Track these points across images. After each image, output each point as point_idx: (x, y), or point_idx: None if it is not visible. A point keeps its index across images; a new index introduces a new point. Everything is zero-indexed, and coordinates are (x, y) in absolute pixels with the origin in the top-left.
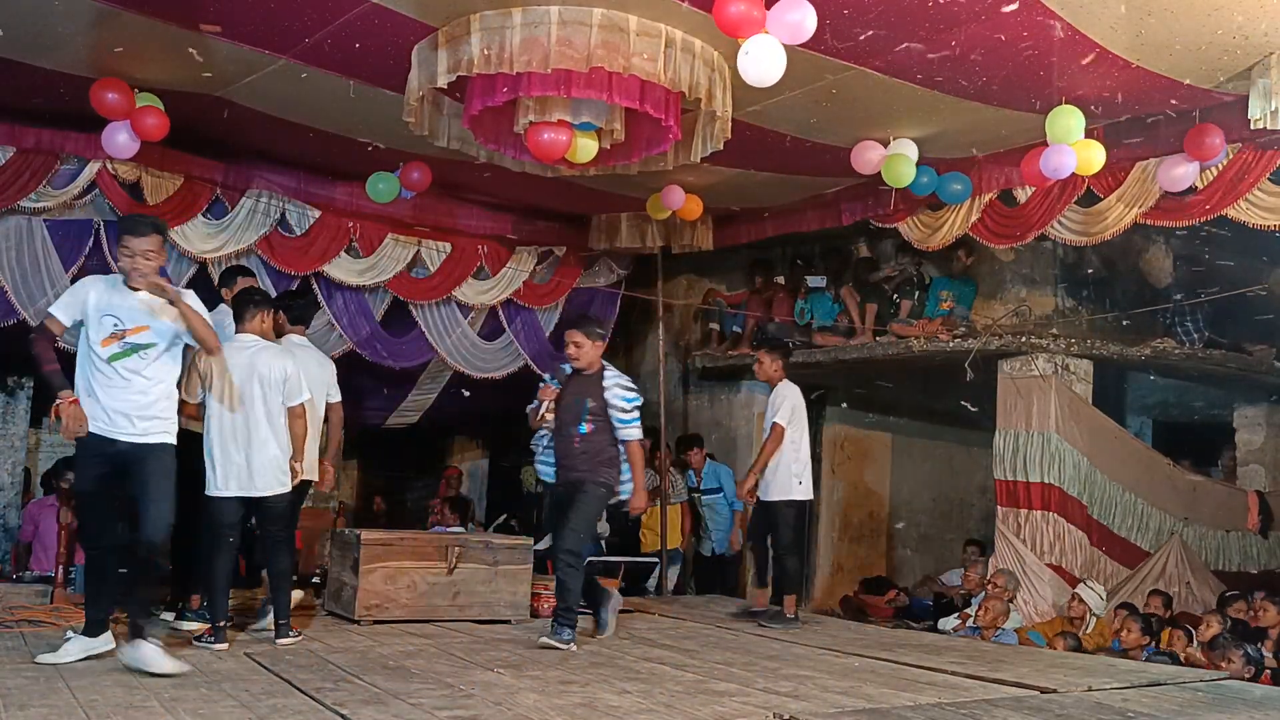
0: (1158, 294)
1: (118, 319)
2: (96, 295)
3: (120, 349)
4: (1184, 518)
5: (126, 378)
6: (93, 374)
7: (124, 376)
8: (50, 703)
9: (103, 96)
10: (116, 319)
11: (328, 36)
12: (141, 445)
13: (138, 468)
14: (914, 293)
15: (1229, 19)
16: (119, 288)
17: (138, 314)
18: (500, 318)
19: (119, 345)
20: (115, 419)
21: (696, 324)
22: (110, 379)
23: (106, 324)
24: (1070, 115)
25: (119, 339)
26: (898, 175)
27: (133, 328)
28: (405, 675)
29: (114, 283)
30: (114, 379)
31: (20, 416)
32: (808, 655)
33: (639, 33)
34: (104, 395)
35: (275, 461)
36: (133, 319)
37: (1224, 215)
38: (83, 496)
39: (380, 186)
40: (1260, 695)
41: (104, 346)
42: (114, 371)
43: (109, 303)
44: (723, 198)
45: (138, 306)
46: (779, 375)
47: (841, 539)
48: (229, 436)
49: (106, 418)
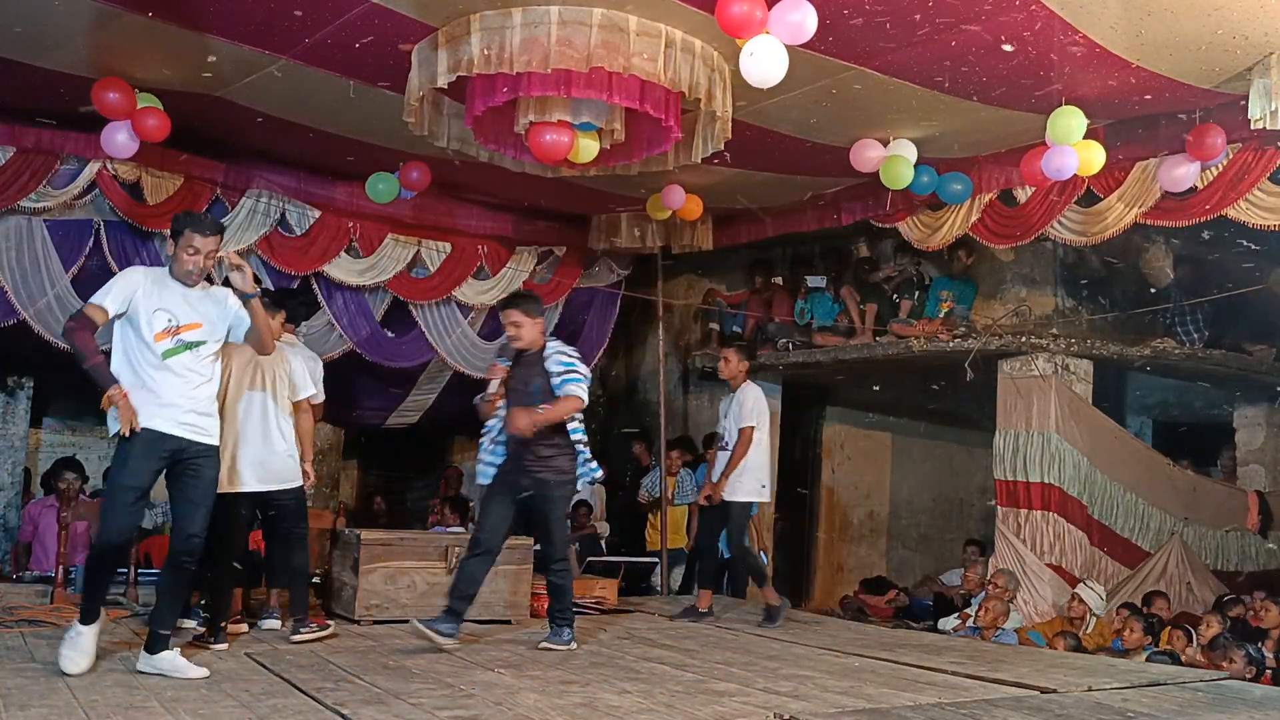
0: (1158, 294)
1: (171, 314)
2: (145, 288)
3: (174, 345)
4: (1184, 518)
5: (180, 374)
6: (143, 369)
7: (177, 373)
8: (50, 703)
9: (104, 97)
10: (170, 314)
11: (328, 36)
12: (196, 444)
13: (188, 467)
14: (914, 293)
15: (1229, 19)
16: (166, 282)
17: (190, 310)
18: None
19: (172, 341)
20: (170, 416)
21: (696, 324)
22: (164, 375)
23: (160, 319)
24: (1072, 116)
25: (173, 335)
26: (896, 176)
27: (187, 324)
28: (405, 675)
29: (160, 277)
30: (168, 375)
31: (20, 416)
32: (808, 655)
33: (639, 33)
34: (161, 390)
35: (287, 457)
36: (186, 315)
37: (1224, 215)
38: (134, 491)
39: (380, 187)
40: (1260, 695)
41: (158, 342)
42: (167, 368)
43: (160, 297)
44: (723, 198)
45: (189, 303)
46: (742, 376)
47: (841, 539)
48: (241, 433)
49: (161, 414)
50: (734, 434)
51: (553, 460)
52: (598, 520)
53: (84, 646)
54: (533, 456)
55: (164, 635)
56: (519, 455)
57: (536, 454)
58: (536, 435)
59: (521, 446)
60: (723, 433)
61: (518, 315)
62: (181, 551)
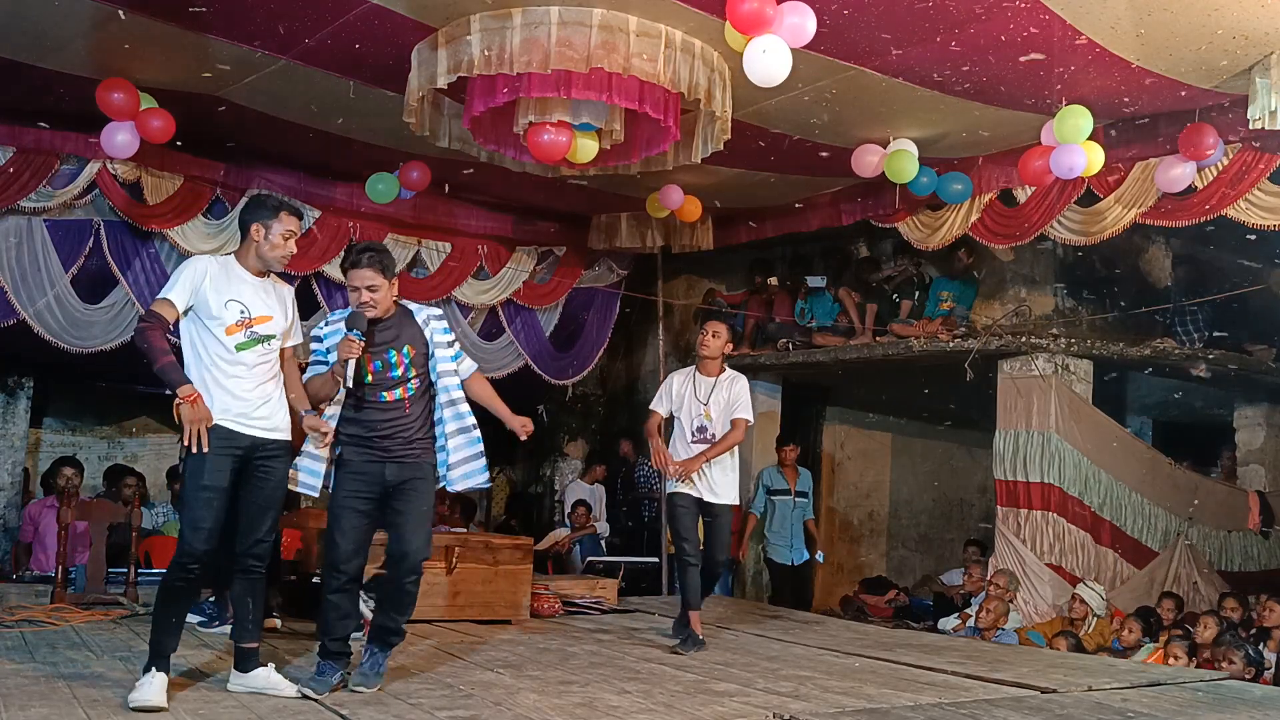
0: (1158, 294)
1: (244, 305)
2: (214, 279)
3: (246, 338)
4: (1188, 518)
5: (253, 368)
6: (214, 364)
7: (250, 367)
8: (50, 703)
9: (109, 97)
10: (243, 305)
11: (328, 36)
12: (270, 442)
13: (259, 468)
14: (914, 293)
15: (1229, 18)
16: (235, 271)
17: (261, 302)
18: (500, 318)
19: (245, 334)
20: (245, 412)
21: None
22: (236, 370)
23: (232, 310)
24: (1079, 115)
25: (245, 327)
26: (900, 170)
27: (259, 316)
28: (405, 675)
29: (228, 265)
30: (240, 370)
31: (20, 416)
32: (808, 655)
33: (639, 33)
34: (233, 386)
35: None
36: (258, 307)
37: (1224, 215)
38: (210, 491)
39: (380, 187)
40: (1260, 695)
41: (229, 335)
42: (240, 361)
43: (231, 287)
44: (723, 198)
45: (259, 294)
46: (721, 360)
47: (841, 539)
48: None
49: (235, 411)
50: (720, 423)
51: (430, 448)
52: (597, 520)
53: (156, 689)
54: (417, 444)
55: (252, 649)
56: (388, 446)
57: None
58: (416, 421)
59: (393, 429)
60: (697, 419)
61: (372, 275)
62: (248, 556)
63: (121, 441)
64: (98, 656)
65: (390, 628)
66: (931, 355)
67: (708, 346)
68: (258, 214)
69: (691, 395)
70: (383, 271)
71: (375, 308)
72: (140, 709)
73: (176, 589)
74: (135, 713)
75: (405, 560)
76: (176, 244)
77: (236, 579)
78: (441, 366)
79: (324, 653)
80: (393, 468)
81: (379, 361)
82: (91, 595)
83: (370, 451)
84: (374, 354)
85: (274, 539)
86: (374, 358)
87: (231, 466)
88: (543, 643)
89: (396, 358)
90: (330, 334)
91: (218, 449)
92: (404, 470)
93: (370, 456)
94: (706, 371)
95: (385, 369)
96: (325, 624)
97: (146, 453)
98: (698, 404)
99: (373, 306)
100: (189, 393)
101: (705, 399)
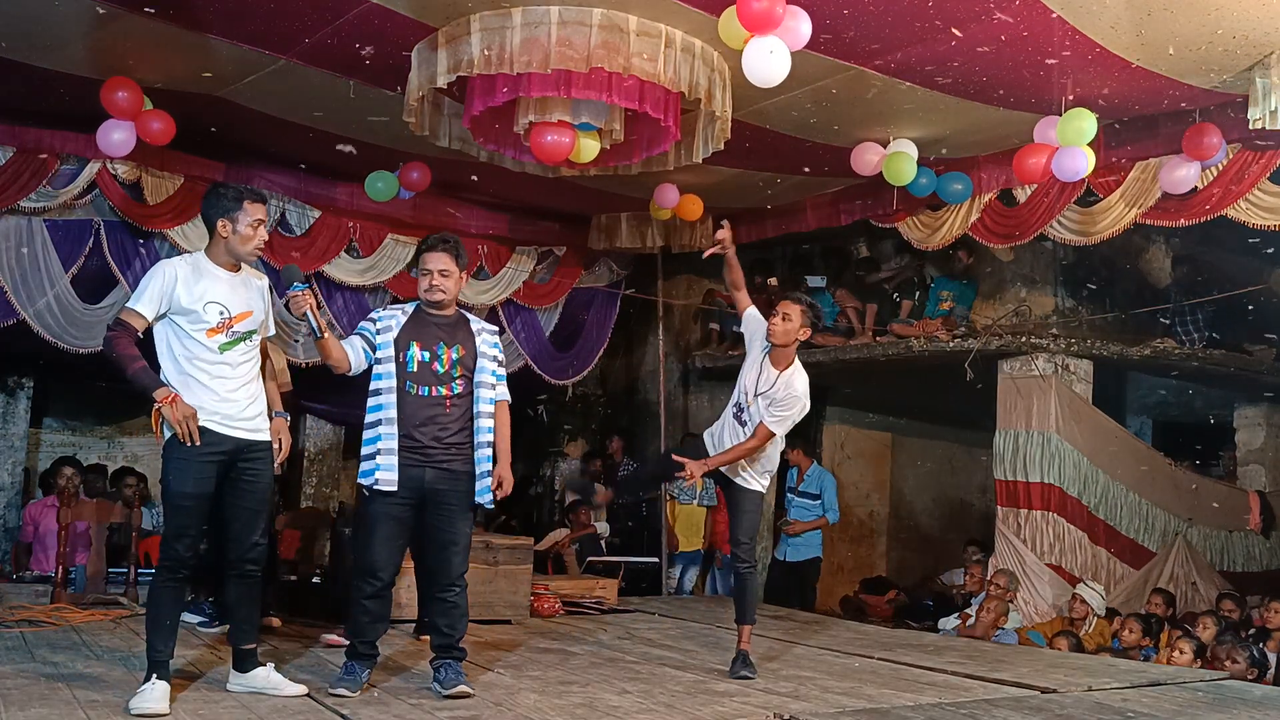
0: (1158, 294)
1: (223, 306)
2: (185, 282)
3: (229, 338)
4: (1188, 518)
5: (238, 366)
6: (195, 368)
7: (234, 366)
8: (50, 703)
9: (112, 97)
10: (222, 306)
11: (328, 36)
12: (256, 442)
13: (245, 471)
14: (914, 293)
15: (1229, 19)
16: (207, 270)
17: (238, 300)
18: (500, 318)
19: (227, 335)
20: (231, 414)
21: (696, 324)
22: (221, 370)
23: (212, 312)
24: (1083, 118)
25: (227, 328)
26: (898, 173)
27: (239, 314)
28: (405, 675)
29: (199, 264)
30: (225, 370)
31: (20, 416)
32: (808, 655)
33: (639, 33)
34: (220, 387)
35: None
36: (236, 305)
37: (1224, 215)
38: (193, 499)
39: (379, 185)
40: (1260, 695)
41: (211, 337)
42: (224, 362)
43: (207, 288)
44: (723, 198)
45: (235, 291)
46: (793, 348)
47: (841, 539)
48: None
49: (221, 414)
50: (760, 413)
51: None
52: (597, 520)
53: (158, 696)
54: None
55: (250, 650)
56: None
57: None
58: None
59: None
60: (741, 400)
61: (448, 261)
62: (244, 560)
63: (121, 441)
64: (98, 657)
65: (445, 644)
66: (931, 355)
67: (775, 332)
68: (220, 207)
69: (754, 381)
70: (456, 260)
71: (445, 293)
72: (141, 715)
73: (164, 593)
74: (136, 718)
75: (440, 575)
76: (177, 244)
77: (232, 583)
78: (482, 378)
79: (352, 653)
80: (431, 473)
81: (427, 352)
82: (91, 595)
83: (409, 455)
84: (424, 343)
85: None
86: (424, 347)
87: (215, 472)
88: (543, 643)
89: (445, 353)
90: (384, 316)
91: (200, 454)
92: (441, 479)
93: (410, 460)
94: (775, 362)
95: (432, 360)
96: (356, 627)
97: (147, 453)
98: (748, 384)
99: (442, 291)
100: (166, 394)
101: (754, 383)
